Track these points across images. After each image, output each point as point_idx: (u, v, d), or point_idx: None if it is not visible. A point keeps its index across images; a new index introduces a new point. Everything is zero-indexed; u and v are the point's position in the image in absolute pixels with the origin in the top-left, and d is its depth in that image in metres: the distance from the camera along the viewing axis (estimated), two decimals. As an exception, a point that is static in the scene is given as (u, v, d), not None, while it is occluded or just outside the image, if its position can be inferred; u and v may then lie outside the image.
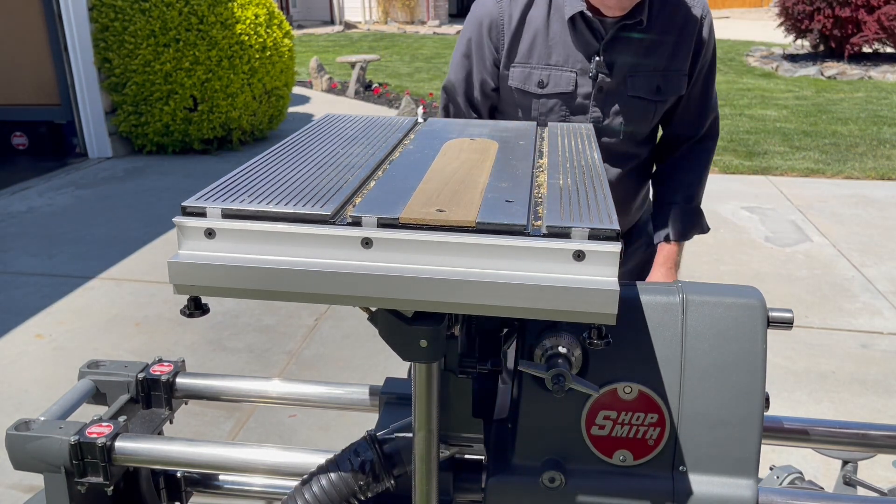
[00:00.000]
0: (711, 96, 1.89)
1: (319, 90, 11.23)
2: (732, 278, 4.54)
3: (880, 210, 5.91)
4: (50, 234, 5.36)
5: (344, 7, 22.31)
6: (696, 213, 1.93)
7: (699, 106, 1.87)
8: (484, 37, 1.78)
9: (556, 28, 1.74)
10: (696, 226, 1.92)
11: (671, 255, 1.89)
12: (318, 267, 0.80)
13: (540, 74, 1.76)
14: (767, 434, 1.21)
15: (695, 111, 1.88)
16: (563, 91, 1.76)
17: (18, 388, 3.38)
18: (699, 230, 1.94)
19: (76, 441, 1.12)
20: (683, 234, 1.90)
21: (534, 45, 1.76)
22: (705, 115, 1.89)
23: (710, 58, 1.84)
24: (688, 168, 1.92)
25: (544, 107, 1.78)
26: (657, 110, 1.81)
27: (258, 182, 0.92)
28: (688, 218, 1.90)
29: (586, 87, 1.76)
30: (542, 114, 1.79)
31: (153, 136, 7.33)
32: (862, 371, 3.53)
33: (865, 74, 11.91)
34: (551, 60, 1.75)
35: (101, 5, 6.96)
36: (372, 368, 3.54)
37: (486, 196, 0.89)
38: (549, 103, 1.78)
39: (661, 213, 1.92)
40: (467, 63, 1.84)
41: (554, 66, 1.75)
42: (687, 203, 1.90)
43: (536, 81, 1.76)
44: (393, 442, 1.06)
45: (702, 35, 1.79)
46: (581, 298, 0.77)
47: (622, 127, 1.80)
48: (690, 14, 1.76)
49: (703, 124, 1.90)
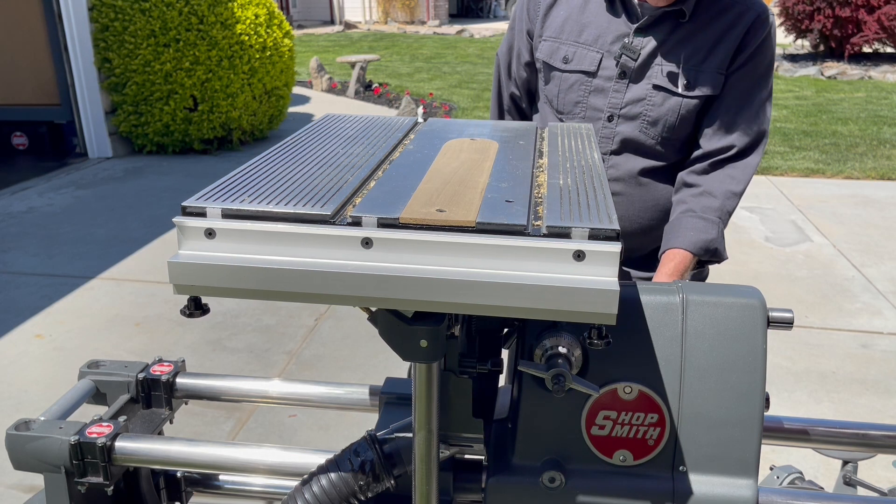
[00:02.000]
0: (752, 106, 1.70)
1: (319, 90, 11.23)
2: (732, 278, 4.53)
3: (880, 210, 5.91)
4: (50, 234, 5.36)
5: (344, 7, 22.31)
6: (713, 228, 1.67)
7: (734, 115, 1.69)
8: (524, 8, 1.84)
9: (594, 7, 1.73)
10: (711, 241, 1.66)
11: (679, 266, 1.64)
12: (318, 267, 0.80)
13: (566, 50, 1.75)
14: (767, 434, 1.21)
15: (730, 120, 1.69)
16: (586, 69, 1.73)
17: (18, 388, 3.38)
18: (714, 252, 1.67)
19: (76, 441, 1.12)
20: (693, 244, 1.65)
21: (567, 21, 1.75)
22: (740, 127, 1.70)
23: (757, 67, 1.68)
24: (713, 180, 1.71)
25: (565, 83, 1.76)
26: (683, 106, 1.69)
27: (258, 182, 0.92)
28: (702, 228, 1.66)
29: (610, 70, 1.71)
30: (563, 90, 1.77)
31: (153, 136, 7.33)
32: (862, 371, 3.53)
33: (865, 74, 11.92)
34: (581, 38, 1.74)
35: (101, 5, 6.96)
36: (372, 368, 3.54)
37: (487, 196, 0.89)
38: (571, 79, 1.75)
39: (675, 221, 1.71)
40: (511, 35, 1.90)
41: (582, 43, 1.73)
42: (704, 213, 1.68)
43: (562, 56, 1.75)
44: (393, 442, 1.06)
45: (749, 37, 1.65)
46: (581, 298, 0.77)
47: (644, 117, 1.72)
48: (744, 15, 1.66)
49: (736, 136, 1.70)
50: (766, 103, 1.72)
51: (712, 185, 1.70)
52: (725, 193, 1.70)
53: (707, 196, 1.69)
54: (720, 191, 1.69)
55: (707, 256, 1.67)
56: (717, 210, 1.68)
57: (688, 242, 1.65)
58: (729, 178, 1.71)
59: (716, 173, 1.71)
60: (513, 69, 1.90)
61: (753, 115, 1.70)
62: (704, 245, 1.65)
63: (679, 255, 1.65)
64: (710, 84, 1.68)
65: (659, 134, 1.72)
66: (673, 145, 1.75)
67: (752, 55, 1.67)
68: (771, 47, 1.70)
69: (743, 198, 1.77)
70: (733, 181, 1.71)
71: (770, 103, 1.74)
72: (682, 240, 1.65)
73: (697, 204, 1.69)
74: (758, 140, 1.72)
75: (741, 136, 1.70)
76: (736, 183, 1.71)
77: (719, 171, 1.71)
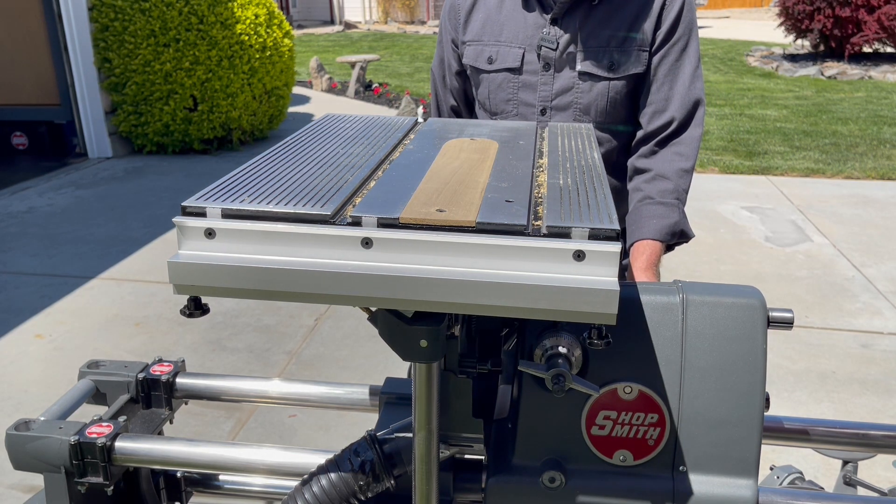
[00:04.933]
0: (682, 78, 1.70)
1: (319, 90, 11.23)
2: (732, 278, 4.54)
3: (880, 210, 5.91)
4: (50, 234, 5.36)
5: (344, 7, 22.32)
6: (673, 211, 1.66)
7: (667, 91, 1.70)
8: (445, 18, 1.87)
9: (510, 5, 1.75)
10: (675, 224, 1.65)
11: (651, 258, 1.63)
12: (318, 267, 0.80)
13: (490, 51, 1.77)
14: (767, 434, 1.21)
15: (663, 94, 1.70)
16: (511, 66, 1.74)
17: (18, 388, 3.38)
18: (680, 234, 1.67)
19: (76, 441, 1.12)
20: (659, 232, 1.64)
21: (486, 23, 1.78)
22: (676, 100, 1.70)
23: (680, 39, 1.69)
24: (661, 161, 1.71)
25: (493, 83, 1.78)
26: (611, 89, 1.70)
27: (258, 182, 0.92)
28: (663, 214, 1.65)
29: (534, 64, 1.73)
30: (493, 90, 1.79)
31: (153, 136, 7.33)
32: (862, 371, 3.53)
33: (865, 74, 11.92)
34: (502, 37, 1.75)
35: (101, 5, 6.96)
36: (372, 368, 3.54)
37: (486, 196, 0.89)
38: (498, 78, 1.77)
39: (635, 210, 1.70)
40: (440, 48, 1.92)
41: (504, 42, 1.75)
42: (662, 198, 1.67)
43: (486, 58, 1.77)
44: (393, 442, 1.06)
45: (665, 11, 1.67)
46: (581, 298, 0.77)
47: (575, 105, 1.72)
48: None
49: (674, 109, 1.70)
50: (696, 72, 1.72)
51: (662, 167, 1.70)
52: (677, 172, 1.70)
53: (660, 179, 1.69)
54: (671, 171, 1.70)
55: (675, 240, 1.67)
56: (672, 192, 1.68)
57: (653, 231, 1.64)
58: (677, 155, 1.71)
59: (663, 153, 1.72)
60: (447, 81, 1.92)
61: (685, 87, 1.70)
62: (669, 230, 1.65)
63: (649, 247, 1.64)
64: (633, 63, 1.69)
65: (593, 121, 1.73)
66: (611, 131, 1.76)
67: (671, 28, 1.68)
68: (690, 16, 1.70)
69: (743, 198, 1.78)
70: (681, 158, 1.71)
71: (700, 71, 1.74)
72: (647, 230, 1.65)
73: (653, 189, 1.68)
74: (694, 110, 1.72)
75: (678, 110, 1.70)
76: (685, 160, 1.71)
77: (666, 151, 1.71)
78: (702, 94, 1.74)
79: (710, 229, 5.39)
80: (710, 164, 7.08)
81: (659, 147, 1.72)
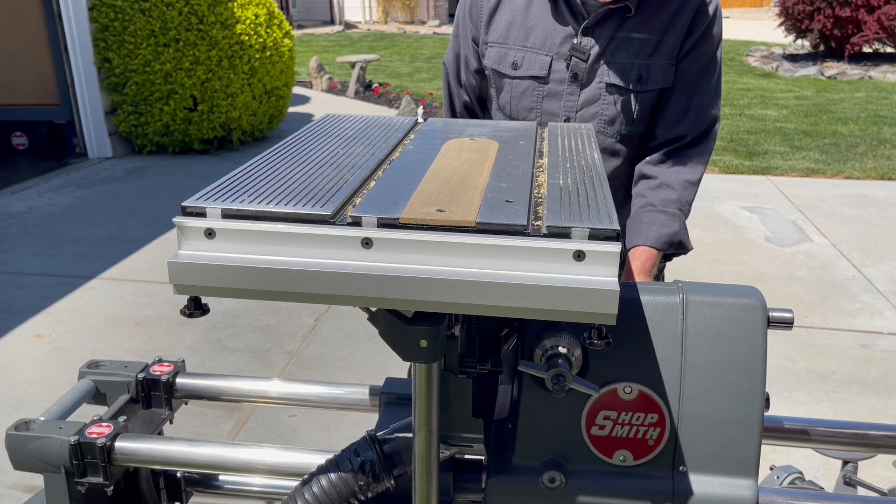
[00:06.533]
0: (701, 93, 1.69)
1: (319, 90, 11.23)
2: (732, 278, 4.54)
3: (880, 210, 5.91)
4: (50, 234, 5.36)
5: (344, 7, 22.31)
6: (674, 221, 1.65)
7: (685, 103, 1.69)
8: (466, 15, 1.79)
9: (538, 9, 1.70)
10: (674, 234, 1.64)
11: (646, 264, 1.62)
12: (318, 267, 0.80)
13: (514, 56, 1.72)
14: (767, 434, 1.21)
15: (681, 108, 1.69)
16: (536, 74, 1.70)
17: (18, 388, 3.38)
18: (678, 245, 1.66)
19: (76, 441, 1.12)
20: (657, 240, 1.63)
21: (511, 25, 1.72)
22: (692, 115, 1.69)
23: (706, 51, 1.67)
24: (669, 171, 1.70)
25: (517, 89, 1.73)
26: (638, 102, 1.68)
27: (258, 182, 0.92)
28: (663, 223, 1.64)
29: (561, 73, 1.69)
30: (515, 97, 1.74)
31: (153, 136, 7.33)
32: (862, 371, 3.53)
33: (865, 74, 11.91)
34: (528, 42, 1.70)
35: (101, 5, 6.96)
36: (372, 368, 3.54)
37: (486, 196, 0.89)
38: (522, 85, 1.72)
39: (636, 216, 1.69)
40: (456, 43, 1.86)
41: (530, 48, 1.70)
42: (664, 207, 1.66)
43: (511, 62, 1.72)
44: (393, 442, 1.06)
45: (695, 23, 1.64)
46: (581, 298, 0.77)
47: (600, 117, 1.70)
48: (689, 1, 1.64)
49: (688, 124, 1.69)
50: (716, 88, 1.72)
51: (669, 177, 1.69)
52: (683, 184, 1.69)
53: (665, 188, 1.68)
54: (677, 181, 1.68)
55: (672, 250, 1.66)
56: (676, 202, 1.67)
57: (651, 239, 1.63)
58: (684, 167, 1.70)
59: (671, 163, 1.71)
60: (462, 77, 1.87)
61: (705, 101, 1.70)
62: (668, 239, 1.64)
63: (645, 253, 1.63)
64: (662, 76, 1.67)
65: (617, 132, 1.72)
66: (632, 140, 1.74)
67: (699, 40, 1.66)
68: (717, 30, 1.68)
69: (743, 198, 1.78)
70: (689, 170, 1.70)
71: (720, 87, 1.74)
72: (646, 236, 1.64)
73: (656, 197, 1.67)
74: (710, 126, 1.72)
75: (694, 123, 1.70)
76: (692, 172, 1.71)
77: (675, 161, 1.70)
78: (718, 112, 1.73)
79: (710, 229, 5.39)
80: (710, 164, 7.04)
81: (668, 156, 1.71)
